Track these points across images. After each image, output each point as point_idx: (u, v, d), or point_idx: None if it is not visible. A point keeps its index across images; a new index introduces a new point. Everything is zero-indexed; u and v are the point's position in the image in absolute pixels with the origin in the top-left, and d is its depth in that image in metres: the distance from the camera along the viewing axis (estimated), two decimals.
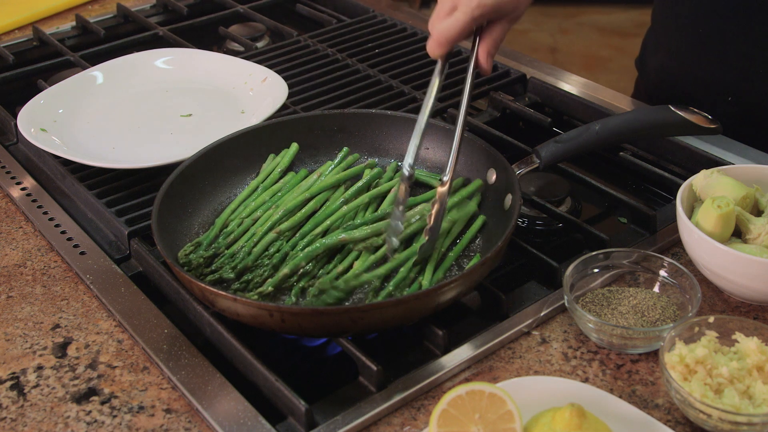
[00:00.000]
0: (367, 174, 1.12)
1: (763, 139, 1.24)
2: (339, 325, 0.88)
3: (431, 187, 1.12)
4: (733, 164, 1.10)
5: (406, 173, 0.99)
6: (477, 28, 1.02)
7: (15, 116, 1.27)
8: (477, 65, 1.02)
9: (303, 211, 1.06)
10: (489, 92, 1.38)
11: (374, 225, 1.01)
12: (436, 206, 0.99)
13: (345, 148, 1.16)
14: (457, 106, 1.33)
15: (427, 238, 0.98)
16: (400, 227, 1.00)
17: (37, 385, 0.89)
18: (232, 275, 0.97)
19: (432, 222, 0.98)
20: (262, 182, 1.12)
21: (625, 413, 0.81)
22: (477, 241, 1.05)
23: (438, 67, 1.02)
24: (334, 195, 1.09)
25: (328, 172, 1.13)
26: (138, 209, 1.11)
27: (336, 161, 1.15)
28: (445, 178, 0.99)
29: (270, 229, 1.04)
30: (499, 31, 1.01)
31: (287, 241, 1.03)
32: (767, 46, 1.24)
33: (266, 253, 1.01)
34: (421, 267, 0.98)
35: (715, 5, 1.27)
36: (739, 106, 1.27)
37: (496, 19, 1.01)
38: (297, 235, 1.04)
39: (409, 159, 0.99)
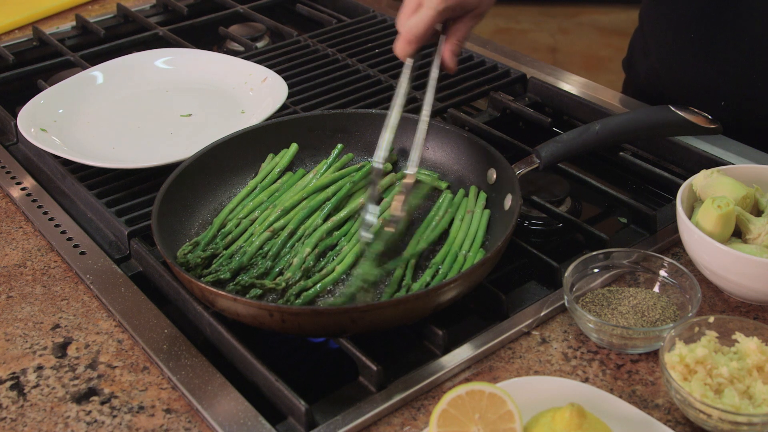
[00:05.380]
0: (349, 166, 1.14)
1: (756, 142, 1.24)
2: (339, 325, 0.88)
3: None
4: (733, 164, 1.10)
5: (378, 168, 1.01)
6: (442, 28, 1.04)
7: (15, 116, 1.27)
8: (442, 63, 1.04)
9: (297, 209, 1.07)
10: (489, 92, 1.38)
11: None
12: (400, 198, 1.00)
13: (339, 145, 1.16)
14: (457, 106, 1.35)
15: (392, 229, 1.00)
16: (373, 221, 1.01)
17: (37, 385, 0.89)
18: (229, 276, 0.98)
19: (397, 213, 1.00)
20: (260, 182, 1.12)
21: (625, 413, 0.81)
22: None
23: (408, 67, 1.04)
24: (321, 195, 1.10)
25: (323, 171, 1.13)
26: (138, 209, 1.11)
27: (330, 160, 1.15)
28: (409, 171, 1.00)
29: (267, 229, 1.04)
30: (463, 29, 1.03)
31: (280, 240, 1.03)
32: (757, 50, 1.24)
33: (260, 252, 1.01)
34: (435, 270, 0.98)
35: (703, 9, 1.27)
36: (731, 111, 1.26)
37: (460, 17, 1.03)
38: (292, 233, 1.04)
39: (380, 154, 1.01)
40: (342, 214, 1.06)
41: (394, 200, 1.01)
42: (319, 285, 0.96)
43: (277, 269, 0.99)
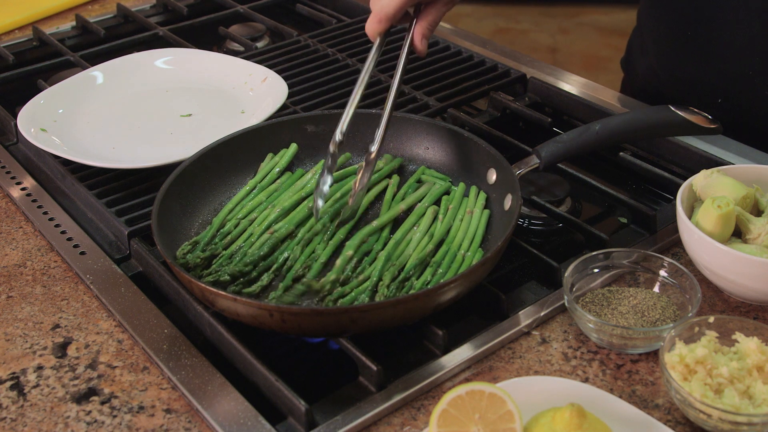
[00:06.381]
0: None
1: (753, 140, 1.24)
2: (339, 325, 0.88)
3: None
4: (733, 164, 1.10)
5: (337, 139, 1.05)
6: (414, 11, 1.07)
7: (15, 116, 1.27)
8: (412, 45, 1.08)
9: (297, 209, 1.07)
10: (489, 92, 1.38)
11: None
12: (359, 175, 1.04)
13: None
14: (457, 105, 1.35)
15: (350, 202, 1.05)
16: (326, 191, 1.05)
17: (37, 385, 0.89)
18: (229, 279, 0.97)
19: (356, 188, 1.04)
20: (259, 182, 1.12)
21: (625, 413, 0.81)
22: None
23: (376, 45, 1.08)
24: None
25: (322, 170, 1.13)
26: (138, 209, 1.11)
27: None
28: (372, 149, 1.04)
29: (266, 229, 1.04)
30: (435, 13, 1.07)
31: (282, 241, 1.03)
32: (753, 47, 1.24)
33: (260, 253, 1.01)
34: (434, 270, 0.98)
35: (700, 7, 1.27)
36: (728, 108, 1.26)
37: (432, 1, 1.06)
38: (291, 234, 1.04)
39: (341, 127, 1.05)
40: (384, 218, 1.06)
41: (357, 174, 1.05)
42: (354, 292, 0.95)
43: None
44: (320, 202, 1.05)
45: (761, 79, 1.25)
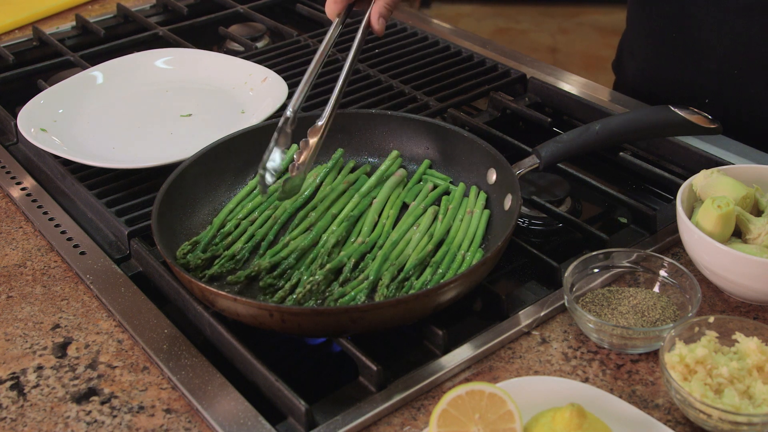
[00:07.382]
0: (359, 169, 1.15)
1: (745, 139, 1.24)
2: (339, 325, 0.88)
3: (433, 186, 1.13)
4: (733, 164, 1.10)
5: (289, 115, 1.04)
6: None
7: (15, 116, 1.27)
8: (369, 26, 1.09)
9: (300, 212, 1.07)
10: (489, 92, 1.38)
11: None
12: (307, 145, 1.04)
13: (339, 150, 1.16)
14: (457, 105, 1.35)
15: (292, 175, 1.02)
16: (277, 165, 1.03)
17: (37, 385, 0.89)
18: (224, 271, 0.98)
19: (299, 160, 1.03)
20: None
21: (625, 413, 0.81)
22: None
23: (334, 25, 1.10)
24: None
25: (322, 174, 1.13)
26: (138, 209, 1.11)
27: (329, 165, 1.15)
28: (319, 123, 1.04)
29: (267, 230, 1.04)
30: None
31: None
32: (738, 47, 1.24)
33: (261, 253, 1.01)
34: (434, 270, 0.98)
35: (684, 7, 1.27)
36: (716, 108, 1.27)
37: None
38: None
39: (294, 103, 1.05)
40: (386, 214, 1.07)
41: (300, 147, 1.04)
42: (354, 291, 0.95)
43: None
44: (269, 178, 1.02)
45: (746, 78, 1.25)
